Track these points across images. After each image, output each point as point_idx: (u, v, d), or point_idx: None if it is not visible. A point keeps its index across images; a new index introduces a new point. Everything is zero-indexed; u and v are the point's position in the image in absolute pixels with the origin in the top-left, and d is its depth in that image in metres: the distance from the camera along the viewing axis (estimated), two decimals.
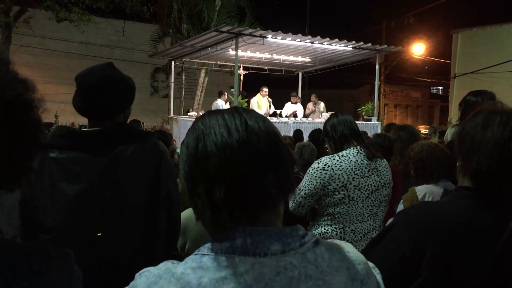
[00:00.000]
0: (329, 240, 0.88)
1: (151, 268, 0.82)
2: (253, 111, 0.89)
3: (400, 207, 2.80)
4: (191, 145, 0.83)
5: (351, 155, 2.60)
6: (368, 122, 11.56)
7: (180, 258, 0.86)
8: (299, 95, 14.62)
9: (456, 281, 1.18)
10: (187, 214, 2.24)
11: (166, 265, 0.81)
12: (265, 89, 11.65)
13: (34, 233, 1.80)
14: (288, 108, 12.25)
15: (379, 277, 0.91)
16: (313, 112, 12.36)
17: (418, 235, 1.22)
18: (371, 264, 0.91)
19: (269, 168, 0.80)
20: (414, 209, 1.39)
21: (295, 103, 12.38)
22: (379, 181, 2.63)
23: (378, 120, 12.29)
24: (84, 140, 1.86)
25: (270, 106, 12.15)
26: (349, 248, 0.88)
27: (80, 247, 1.74)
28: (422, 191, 2.72)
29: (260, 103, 11.87)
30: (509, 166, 1.18)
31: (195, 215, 0.87)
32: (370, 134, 5.77)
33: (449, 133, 3.55)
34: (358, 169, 2.57)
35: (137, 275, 0.83)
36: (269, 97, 11.92)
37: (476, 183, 1.26)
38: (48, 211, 1.77)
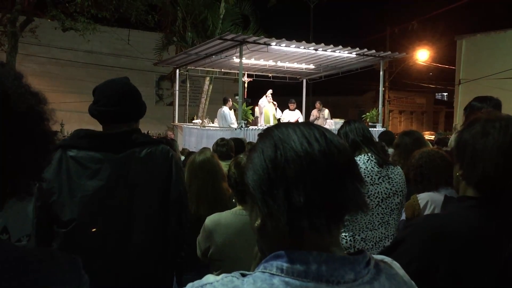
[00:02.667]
0: (382, 263, 0.87)
1: (212, 281, 0.79)
2: (324, 127, 0.91)
3: (402, 213, 2.79)
4: (267, 150, 0.83)
5: (361, 162, 2.59)
6: (372, 129, 11.54)
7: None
8: (303, 102, 14.65)
9: None
10: (215, 218, 2.26)
11: (232, 282, 0.77)
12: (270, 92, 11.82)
13: (48, 227, 1.90)
14: (289, 115, 12.27)
15: None
16: (317, 118, 12.38)
17: (431, 250, 1.22)
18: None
19: (347, 181, 0.81)
20: (423, 223, 1.38)
21: (293, 110, 12.41)
22: (391, 189, 2.60)
23: (383, 126, 12.28)
24: (102, 141, 1.97)
25: (276, 109, 12.23)
26: (400, 271, 0.90)
27: (95, 241, 1.87)
28: (424, 198, 2.71)
29: (268, 111, 11.93)
30: None
31: (260, 226, 0.84)
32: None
33: (453, 139, 3.53)
34: (368, 176, 2.54)
35: (191, 286, 0.80)
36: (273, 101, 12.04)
37: (481, 191, 1.26)
38: (66, 205, 1.87)
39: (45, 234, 1.92)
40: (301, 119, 12.25)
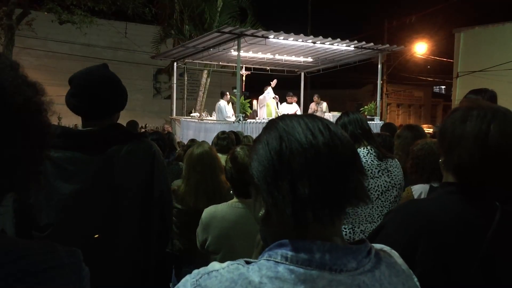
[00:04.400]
0: (381, 252, 0.89)
1: (218, 268, 0.80)
2: (328, 119, 0.91)
3: None
4: (273, 142, 0.83)
5: (360, 155, 2.58)
6: (370, 122, 11.54)
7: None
8: (301, 95, 14.63)
9: (449, 274, 1.20)
10: (211, 210, 2.28)
11: (238, 269, 0.79)
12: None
13: (27, 231, 1.80)
14: (286, 108, 12.27)
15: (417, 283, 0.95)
16: (315, 112, 12.38)
17: (408, 233, 1.24)
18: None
19: (350, 173, 0.82)
20: (402, 208, 1.42)
21: (291, 103, 12.41)
22: (390, 182, 2.61)
23: (380, 119, 12.29)
24: (79, 139, 1.87)
25: (277, 104, 12.21)
26: (399, 260, 0.92)
27: (75, 245, 1.78)
28: (418, 190, 2.72)
29: (270, 104, 11.91)
30: (489, 159, 1.20)
31: (264, 216, 0.85)
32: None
33: None
34: (368, 170, 2.54)
35: (197, 273, 0.80)
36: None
37: (460, 178, 1.28)
38: (43, 209, 1.78)
39: (24, 237, 1.79)
40: (299, 112, 12.24)
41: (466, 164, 1.23)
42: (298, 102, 13.17)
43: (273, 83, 12.19)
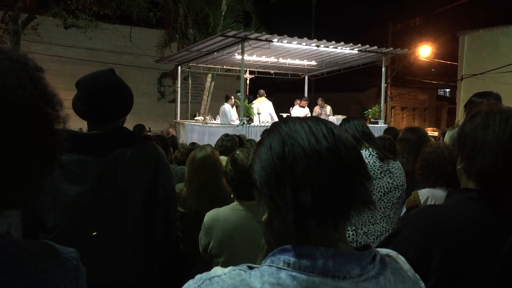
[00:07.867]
0: (387, 257, 0.87)
1: (220, 274, 0.79)
2: (332, 122, 0.90)
3: (404, 210, 2.78)
4: (275, 146, 0.82)
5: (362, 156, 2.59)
6: (375, 125, 11.52)
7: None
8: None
9: (465, 283, 1.18)
10: (213, 214, 2.29)
11: (240, 275, 0.78)
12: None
13: (34, 233, 1.82)
14: (299, 111, 12.30)
15: None
16: (319, 115, 12.37)
17: (425, 240, 1.23)
18: (418, 276, 0.92)
19: (355, 179, 0.80)
20: (419, 213, 1.38)
21: (303, 107, 12.43)
22: (392, 183, 2.61)
23: (385, 123, 12.26)
24: (85, 142, 1.90)
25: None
26: (405, 266, 0.90)
27: (81, 247, 1.78)
28: (425, 194, 2.70)
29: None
30: None
31: (267, 221, 0.84)
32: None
33: (448, 136, 3.49)
34: (370, 171, 2.53)
35: (199, 278, 0.80)
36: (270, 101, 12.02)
37: (482, 183, 1.26)
38: (49, 211, 1.80)
39: (31, 239, 1.85)
40: (309, 115, 12.25)
41: (490, 169, 1.21)
42: None
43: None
